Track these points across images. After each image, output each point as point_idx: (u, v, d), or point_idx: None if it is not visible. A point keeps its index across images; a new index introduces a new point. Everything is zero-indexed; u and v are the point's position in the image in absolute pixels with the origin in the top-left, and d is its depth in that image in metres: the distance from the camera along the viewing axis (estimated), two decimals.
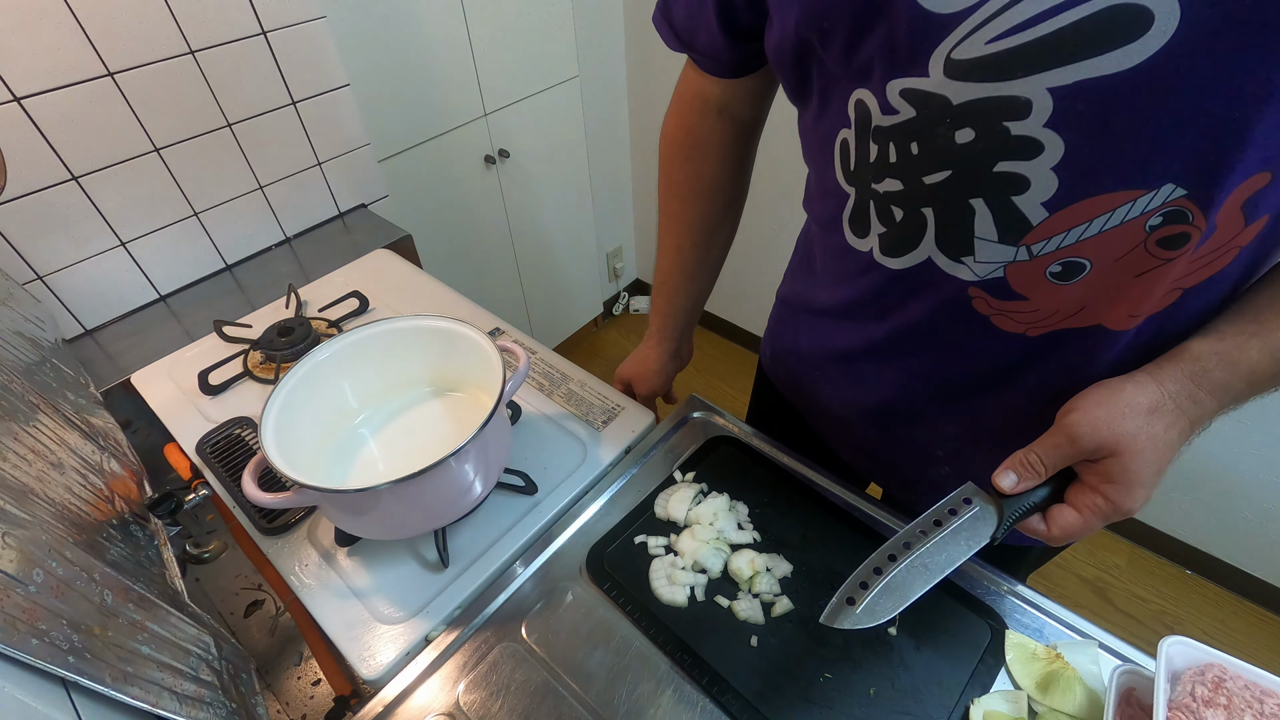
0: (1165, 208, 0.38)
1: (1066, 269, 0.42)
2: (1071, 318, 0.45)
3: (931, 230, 0.45)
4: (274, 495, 0.56)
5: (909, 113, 0.41)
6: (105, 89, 0.85)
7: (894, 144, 0.43)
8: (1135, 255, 0.40)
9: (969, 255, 0.44)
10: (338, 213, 1.19)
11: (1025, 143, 0.38)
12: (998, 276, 0.44)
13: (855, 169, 0.48)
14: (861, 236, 0.51)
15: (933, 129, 0.41)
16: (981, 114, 0.38)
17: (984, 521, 0.45)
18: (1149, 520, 1.58)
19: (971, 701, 0.50)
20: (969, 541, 0.44)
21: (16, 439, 0.52)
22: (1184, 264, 0.40)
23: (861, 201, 0.49)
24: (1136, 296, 0.42)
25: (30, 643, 0.34)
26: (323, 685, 0.85)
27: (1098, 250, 0.40)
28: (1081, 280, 0.42)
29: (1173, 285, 0.42)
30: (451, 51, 1.43)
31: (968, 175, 0.41)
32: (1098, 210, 0.39)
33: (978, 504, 0.46)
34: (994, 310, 0.47)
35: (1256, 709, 0.41)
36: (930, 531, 0.45)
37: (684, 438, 0.73)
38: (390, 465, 0.67)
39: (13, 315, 0.74)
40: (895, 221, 0.47)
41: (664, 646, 0.55)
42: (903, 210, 0.46)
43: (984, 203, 0.41)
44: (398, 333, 0.68)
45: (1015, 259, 0.42)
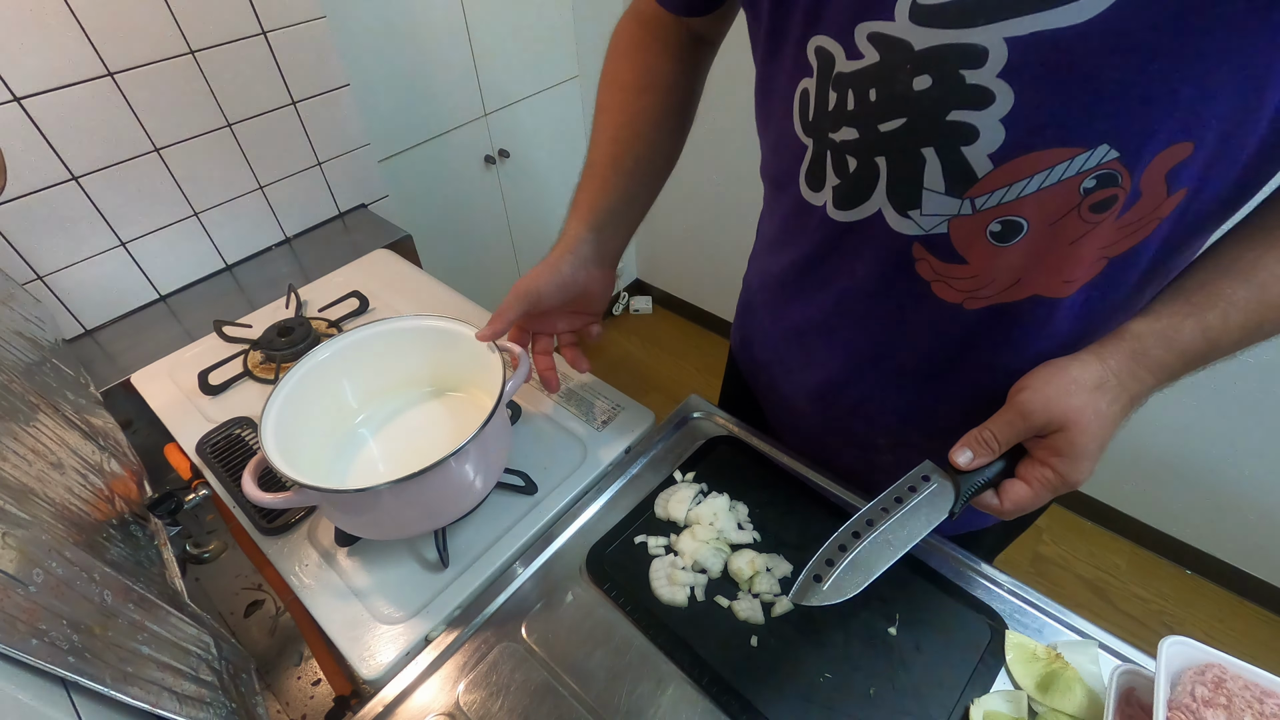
0: (1099, 169, 0.39)
1: (1005, 228, 0.43)
2: (1008, 290, 0.47)
3: (883, 181, 0.46)
4: (274, 495, 0.56)
5: (873, 57, 0.42)
6: (105, 89, 0.85)
7: (854, 91, 0.44)
8: (1069, 220, 0.42)
9: (916, 208, 0.46)
10: (338, 213, 1.19)
11: (978, 92, 0.39)
12: (941, 232, 0.46)
13: (814, 118, 0.49)
14: (816, 190, 0.52)
15: (893, 75, 0.42)
16: (940, 60, 0.40)
17: (942, 497, 0.47)
18: (1149, 520, 1.58)
19: (971, 701, 0.50)
20: (929, 516, 0.47)
21: (16, 439, 0.52)
22: (1110, 230, 0.42)
23: (819, 153, 0.50)
24: (1070, 263, 0.44)
25: (30, 643, 0.34)
26: (323, 685, 0.85)
27: (1035, 209, 0.42)
28: (1018, 243, 0.44)
29: (1100, 253, 0.44)
30: (451, 51, 1.43)
31: (921, 123, 0.42)
32: (1038, 166, 0.40)
33: (935, 480, 0.48)
34: (935, 275, 0.48)
35: (1256, 709, 0.41)
36: (891, 508, 0.47)
37: (684, 438, 0.73)
38: (390, 465, 0.67)
39: (13, 315, 0.74)
40: (849, 172, 0.48)
41: (664, 646, 0.55)
42: (857, 160, 0.47)
43: (934, 152, 0.43)
44: (398, 332, 0.69)
45: (959, 212, 0.44)
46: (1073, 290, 0.46)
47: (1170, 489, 1.50)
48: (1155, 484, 1.52)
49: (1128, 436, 1.49)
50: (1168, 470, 1.48)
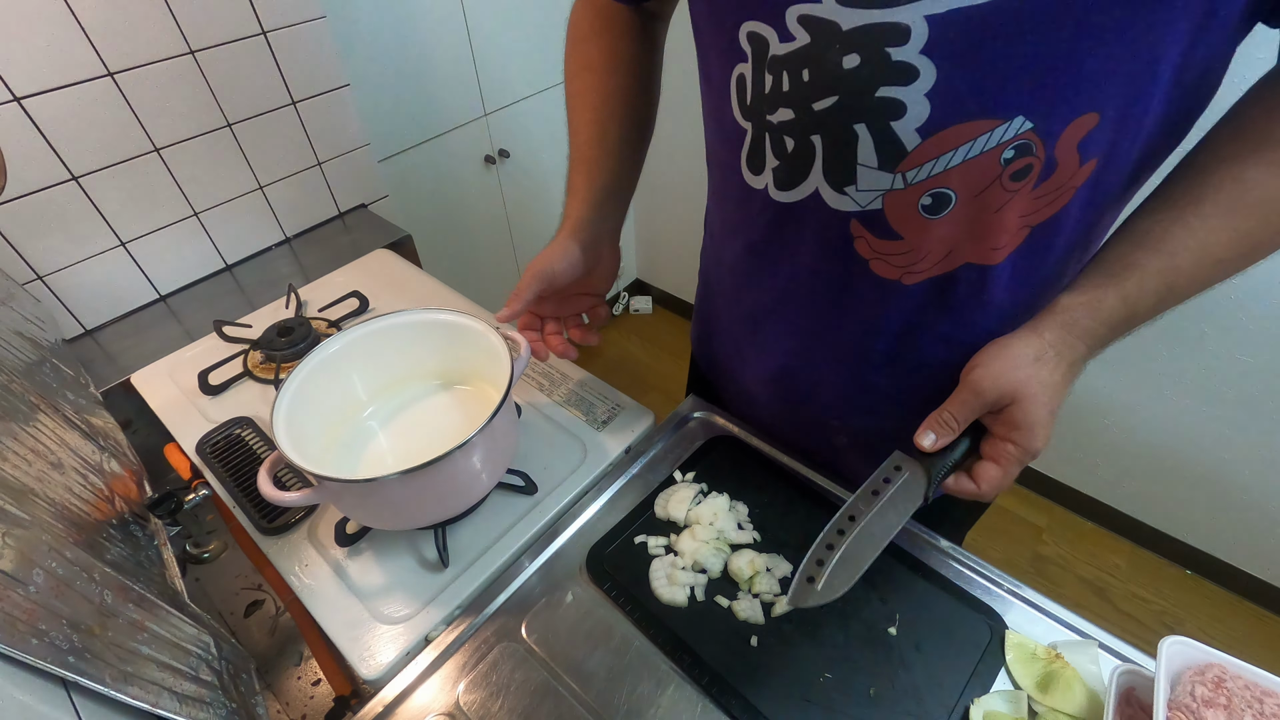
0: (1017, 140, 0.42)
1: (935, 201, 0.46)
2: (941, 262, 0.50)
3: (820, 159, 0.48)
4: (294, 494, 0.57)
5: (804, 39, 0.44)
6: (105, 89, 0.85)
7: (787, 72, 0.46)
8: (993, 190, 0.45)
9: (852, 184, 0.48)
10: (338, 213, 1.19)
11: (903, 68, 0.41)
12: (876, 208, 0.48)
13: (751, 102, 0.50)
14: (757, 173, 0.54)
15: (823, 55, 0.44)
16: (867, 39, 0.42)
17: (915, 484, 0.50)
18: (1149, 520, 1.58)
19: (971, 701, 0.50)
20: (905, 505, 0.50)
21: (16, 439, 0.52)
22: (1028, 198, 0.45)
23: (758, 136, 0.52)
24: (995, 230, 0.47)
25: (30, 643, 0.34)
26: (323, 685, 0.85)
27: (961, 181, 0.45)
28: (948, 215, 0.47)
29: (1022, 221, 0.47)
30: (451, 51, 1.43)
31: (852, 100, 0.44)
32: (962, 138, 0.43)
33: (907, 469, 0.51)
34: (873, 253, 0.51)
35: (1256, 709, 0.41)
36: (870, 502, 0.50)
37: (684, 438, 0.73)
38: (399, 457, 0.67)
39: (13, 315, 0.74)
40: (787, 153, 0.50)
41: (664, 646, 0.55)
42: (794, 140, 0.49)
43: (866, 128, 0.45)
44: (406, 326, 0.69)
45: (892, 187, 0.46)
46: (1001, 257, 0.49)
47: (1170, 489, 1.50)
48: (1155, 484, 1.52)
49: (1128, 436, 1.49)
50: (1168, 470, 1.48)
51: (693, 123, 0.72)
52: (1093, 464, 1.60)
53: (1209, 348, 1.30)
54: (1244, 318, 1.23)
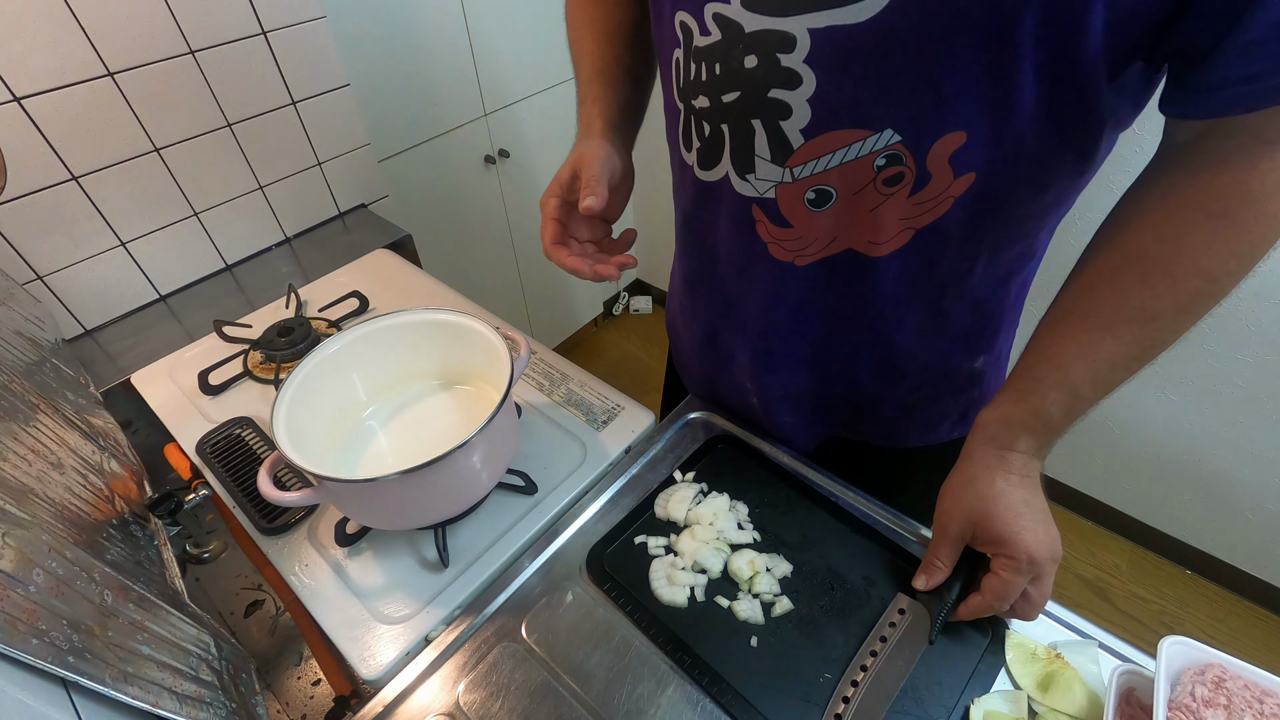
0: (887, 150, 0.45)
1: (819, 195, 0.50)
2: (826, 248, 0.54)
3: (728, 147, 0.52)
4: (294, 494, 0.57)
5: (717, 35, 0.48)
6: (105, 89, 0.85)
7: (704, 64, 0.50)
8: (868, 191, 0.48)
9: (751, 173, 0.52)
10: (338, 213, 1.19)
11: (790, 74, 0.45)
12: (771, 197, 0.52)
13: (682, 85, 0.54)
14: (688, 150, 0.58)
15: (729, 52, 0.47)
16: (763, 43, 0.45)
17: (919, 626, 0.54)
18: (1149, 520, 1.58)
19: (971, 701, 0.50)
20: (911, 650, 0.53)
21: (16, 439, 0.52)
22: (905, 204, 0.48)
23: (687, 117, 0.56)
24: (873, 227, 0.51)
25: (30, 643, 0.34)
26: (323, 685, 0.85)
27: (840, 180, 0.48)
28: (831, 209, 0.51)
29: (902, 223, 0.50)
30: (451, 51, 1.43)
31: (750, 97, 0.48)
32: (837, 144, 0.46)
33: (911, 613, 0.55)
34: (770, 238, 0.55)
35: (1256, 709, 0.41)
36: (879, 650, 0.53)
37: (684, 438, 0.73)
38: (399, 457, 0.67)
39: (13, 315, 0.74)
40: (706, 136, 0.54)
41: (664, 646, 0.55)
42: (710, 126, 0.53)
43: (761, 124, 0.49)
44: (406, 326, 0.69)
45: (782, 180, 0.51)
46: (884, 251, 0.52)
47: (1170, 489, 1.50)
48: (1155, 484, 1.52)
49: (1128, 437, 1.49)
50: (1168, 470, 1.48)
51: None
52: (1093, 464, 1.60)
53: (1209, 348, 1.30)
54: (1244, 318, 1.23)
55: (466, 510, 0.65)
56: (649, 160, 2.00)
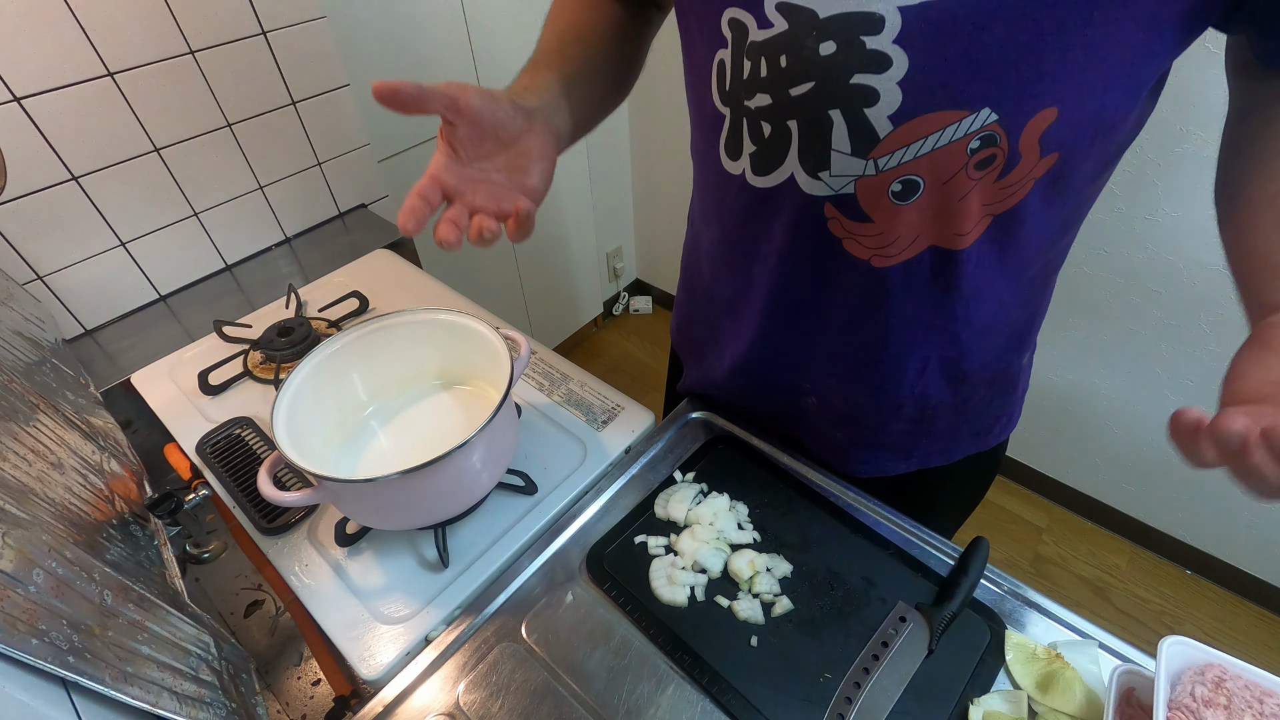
0: (983, 130, 0.44)
1: (905, 187, 0.47)
2: (910, 245, 0.51)
3: (795, 145, 0.49)
4: (294, 494, 0.57)
5: (782, 26, 0.45)
6: (105, 89, 0.85)
7: (765, 58, 0.47)
8: (959, 178, 0.46)
9: (825, 169, 0.49)
10: (338, 213, 1.19)
11: (877, 57, 0.43)
12: (849, 192, 0.49)
13: (730, 88, 0.51)
14: (735, 159, 0.55)
15: (800, 42, 0.45)
16: (842, 28, 0.43)
17: (919, 634, 0.54)
18: (1149, 520, 1.58)
19: (971, 701, 0.50)
20: (911, 658, 0.53)
21: (16, 439, 0.52)
22: (991, 189, 0.47)
23: (735, 121, 0.53)
24: (960, 217, 0.49)
25: (30, 643, 0.34)
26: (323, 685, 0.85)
27: (931, 168, 0.46)
28: (917, 201, 0.48)
29: (984, 210, 0.48)
30: (451, 51, 1.43)
31: (828, 87, 0.45)
32: (931, 127, 0.44)
33: (911, 621, 0.55)
34: (846, 233, 0.52)
35: (1256, 709, 0.41)
36: (880, 654, 0.53)
37: (684, 438, 0.73)
38: (399, 457, 0.67)
39: (13, 315, 0.74)
40: (764, 138, 0.51)
41: (664, 646, 0.55)
42: (771, 125, 0.50)
43: (840, 114, 0.46)
44: (406, 326, 0.69)
45: (864, 173, 0.48)
46: (966, 243, 0.50)
47: (1170, 489, 1.50)
48: (1155, 484, 1.52)
49: (1128, 436, 1.49)
50: (1168, 470, 1.48)
51: None
52: (1093, 464, 1.60)
53: (1209, 348, 1.30)
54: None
55: (466, 510, 0.65)
56: (651, 160, 2.00)
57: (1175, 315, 1.31)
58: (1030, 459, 1.70)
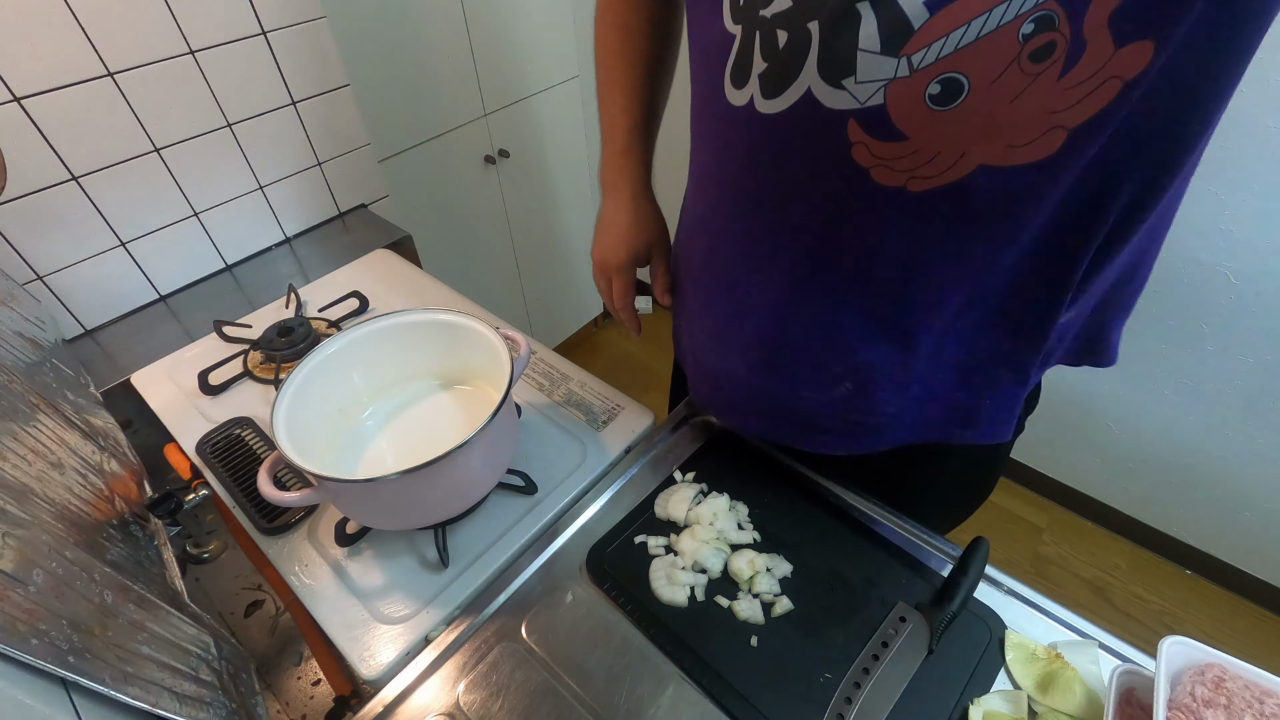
0: (1037, 10, 0.37)
1: (946, 88, 0.41)
2: (953, 166, 0.43)
3: (815, 50, 0.43)
4: (294, 494, 0.57)
5: None
6: (105, 89, 0.85)
7: None
8: (1011, 74, 0.39)
9: (851, 75, 0.42)
10: (338, 213, 1.19)
11: None
12: (878, 103, 0.42)
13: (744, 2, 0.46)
14: (741, 85, 0.49)
15: None
16: None
17: (919, 634, 0.54)
18: (1149, 520, 1.58)
19: (971, 701, 0.50)
20: (911, 658, 0.52)
21: (16, 439, 0.52)
22: (1055, 89, 0.39)
23: (747, 40, 0.47)
24: (1014, 124, 0.41)
25: (30, 643, 0.34)
26: (323, 685, 0.85)
27: (975, 62, 0.39)
28: (961, 106, 0.41)
29: (1050, 118, 0.40)
30: (451, 51, 1.43)
31: None
32: (974, 10, 0.38)
33: (911, 621, 0.54)
34: (874, 159, 0.45)
35: (1256, 709, 0.41)
36: (880, 654, 0.53)
37: (684, 438, 0.72)
38: (399, 457, 0.67)
39: (13, 315, 0.74)
40: (778, 49, 0.45)
41: (664, 646, 0.55)
42: (788, 32, 0.44)
43: (869, 6, 0.40)
44: (406, 326, 0.69)
45: (896, 75, 0.41)
46: (1022, 159, 0.42)
47: (1170, 489, 1.50)
48: (1155, 484, 1.52)
49: (1128, 436, 1.49)
50: (1168, 470, 1.48)
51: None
52: (1093, 464, 1.59)
53: (1209, 347, 1.30)
54: (1244, 317, 1.23)
55: (466, 510, 0.65)
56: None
57: (1175, 315, 1.31)
58: (1030, 459, 1.70)
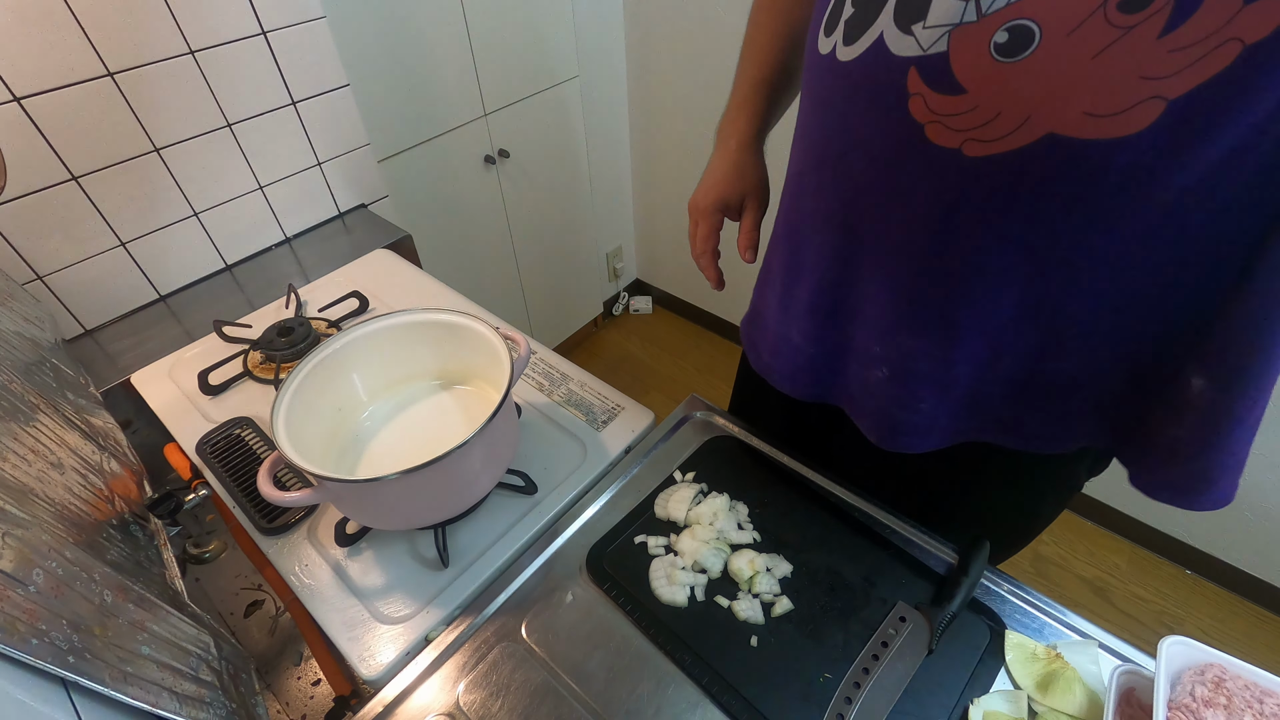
0: None
1: (1014, 37, 0.36)
2: (1016, 132, 0.38)
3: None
4: (294, 494, 0.57)
5: None
6: (105, 89, 0.85)
7: None
8: (1094, 24, 0.33)
9: (921, 20, 0.39)
10: (338, 213, 1.19)
11: None
12: (940, 50, 0.39)
13: None
14: (830, 34, 0.47)
15: None
16: None
17: (919, 634, 0.54)
18: (1149, 520, 1.57)
19: (971, 701, 0.50)
20: (911, 658, 0.53)
21: (16, 439, 0.52)
22: (1154, 50, 0.33)
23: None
24: (1094, 87, 0.35)
25: (30, 643, 0.34)
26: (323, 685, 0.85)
27: (1049, 7, 0.34)
28: (1028, 59, 0.36)
29: (1145, 84, 0.34)
30: (451, 51, 1.42)
31: None
32: None
33: (911, 621, 0.54)
34: (930, 114, 0.41)
35: (1256, 709, 0.41)
36: (880, 654, 0.53)
37: (684, 438, 0.72)
38: (399, 457, 0.67)
39: (13, 315, 0.74)
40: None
41: (664, 646, 0.55)
42: None
43: None
44: (406, 326, 0.69)
45: (962, 20, 0.37)
46: (1113, 131, 0.35)
47: None
48: None
49: None
50: None
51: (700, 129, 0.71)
52: None
53: None
54: None
55: (466, 510, 0.65)
56: (651, 159, 2.00)
57: None
58: None
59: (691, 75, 1.70)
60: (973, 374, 0.51)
